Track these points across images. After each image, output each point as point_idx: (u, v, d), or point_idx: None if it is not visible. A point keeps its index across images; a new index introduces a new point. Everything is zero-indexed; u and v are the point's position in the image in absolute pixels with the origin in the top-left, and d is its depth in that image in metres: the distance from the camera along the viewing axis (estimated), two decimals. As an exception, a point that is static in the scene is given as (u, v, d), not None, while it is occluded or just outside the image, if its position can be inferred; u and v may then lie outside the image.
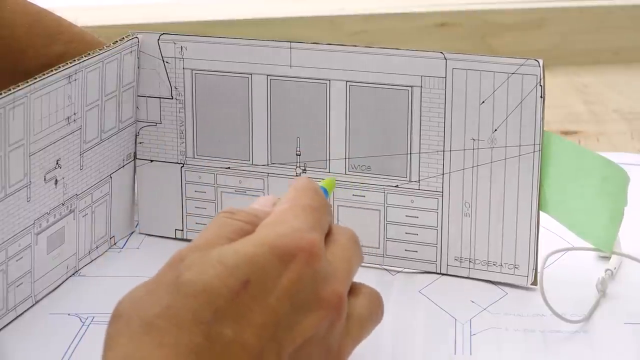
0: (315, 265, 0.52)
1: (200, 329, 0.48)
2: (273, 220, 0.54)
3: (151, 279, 0.51)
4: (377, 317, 0.57)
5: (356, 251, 0.57)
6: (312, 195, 0.56)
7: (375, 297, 0.57)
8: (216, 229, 0.54)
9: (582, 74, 1.17)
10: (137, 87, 0.77)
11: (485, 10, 1.19)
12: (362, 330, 0.56)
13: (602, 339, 0.65)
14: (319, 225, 0.54)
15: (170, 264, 0.52)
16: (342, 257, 0.55)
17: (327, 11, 1.19)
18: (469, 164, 0.71)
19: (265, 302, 0.50)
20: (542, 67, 0.68)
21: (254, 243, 0.52)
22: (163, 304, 0.49)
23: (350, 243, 0.57)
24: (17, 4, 0.79)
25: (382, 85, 0.71)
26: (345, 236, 0.57)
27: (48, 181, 0.69)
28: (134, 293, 0.51)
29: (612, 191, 0.69)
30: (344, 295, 0.53)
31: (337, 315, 0.52)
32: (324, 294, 0.52)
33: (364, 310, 0.56)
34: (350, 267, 0.55)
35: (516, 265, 0.71)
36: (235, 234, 0.53)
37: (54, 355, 0.64)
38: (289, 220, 0.54)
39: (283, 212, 0.55)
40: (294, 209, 0.55)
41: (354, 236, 0.58)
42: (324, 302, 0.52)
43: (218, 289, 0.49)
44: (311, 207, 0.55)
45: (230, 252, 0.51)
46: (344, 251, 0.56)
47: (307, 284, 0.51)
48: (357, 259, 0.57)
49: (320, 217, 0.55)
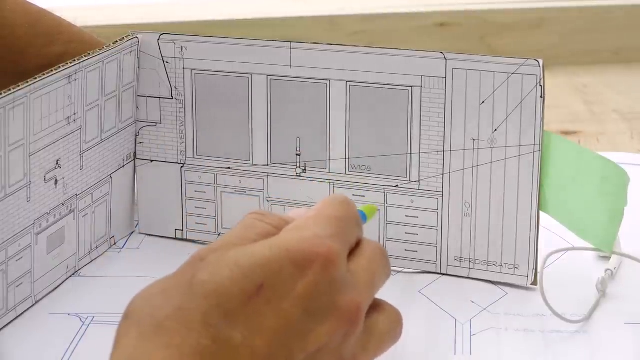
0: (332, 273, 0.51)
1: (209, 331, 0.48)
2: (295, 227, 0.53)
3: (166, 278, 0.51)
4: (395, 336, 0.56)
5: (382, 265, 0.56)
6: (338, 207, 0.55)
7: (396, 316, 0.56)
8: (242, 229, 0.53)
9: (581, 74, 1.17)
10: (137, 87, 0.77)
11: (484, 10, 1.19)
12: (380, 347, 0.55)
13: (602, 339, 0.65)
14: (342, 235, 0.53)
15: (190, 263, 0.51)
16: (366, 269, 0.54)
17: (327, 11, 1.19)
18: (469, 164, 0.71)
19: (279, 307, 0.49)
20: (542, 67, 0.68)
21: (271, 247, 0.51)
22: (175, 305, 0.49)
23: (377, 256, 0.55)
24: (17, 4, 0.79)
25: (382, 85, 0.71)
26: (371, 249, 0.56)
27: (48, 181, 0.69)
28: (149, 290, 0.50)
29: (612, 191, 0.69)
30: (362, 306, 0.52)
31: (353, 325, 0.51)
32: (341, 303, 0.51)
33: (385, 326, 0.55)
34: (373, 280, 0.54)
35: (516, 265, 0.71)
36: (260, 236, 0.53)
37: (54, 355, 0.64)
38: (310, 227, 0.53)
39: (306, 220, 0.54)
40: (317, 217, 0.54)
41: (382, 250, 0.56)
42: (340, 311, 0.51)
43: (230, 291, 0.49)
44: (336, 217, 0.54)
45: (246, 254, 0.50)
46: (368, 263, 0.54)
47: (322, 291, 0.51)
48: (382, 273, 0.56)
49: (344, 227, 0.54)
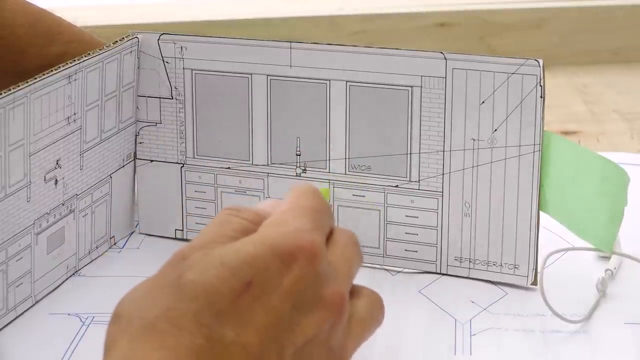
0: (316, 266, 0.52)
1: (201, 330, 0.48)
2: (274, 221, 0.54)
3: (151, 278, 0.51)
4: (378, 318, 0.57)
5: (356, 252, 0.57)
6: (312, 198, 0.56)
7: (375, 299, 0.57)
8: (219, 226, 0.54)
9: (581, 74, 1.17)
10: (137, 87, 0.77)
11: (484, 10, 1.19)
12: (363, 331, 0.55)
13: (602, 339, 0.65)
14: (319, 226, 0.54)
15: (171, 263, 0.51)
16: (343, 258, 0.55)
17: (327, 11, 1.19)
18: (469, 164, 0.71)
19: (267, 302, 0.50)
20: (542, 67, 0.68)
21: (255, 243, 0.51)
22: (164, 305, 0.49)
23: (350, 244, 0.57)
24: (17, 4, 0.79)
25: (382, 85, 0.71)
26: (345, 237, 0.57)
27: (48, 181, 0.69)
28: (135, 293, 0.50)
29: (612, 191, 0.69)
30: (345, 295, 0.53)
31: (339, 315, 0.52)
32: (326, 294, 0.52)
33: (365, 311, 0.56)
34: (350, 268, 0.55)
35: (516, 265, 0.71)
36: (238, 232, 0.53)
37: (54, 355, 0.64)
38: (290, 221, 0.54)
39: (284, 213, 0.55)
40: (294, 210, 0.55)
41: (354, 237, 0.57)
42: (326, 303, 0.52)
43: (219, 290, 0.49)
44: (312, 208, 0.55)
45: (231, 252, 0.51)
46: (344, 252, 0.56)
47: (308, 284, 0.51)
48: (357, 260, 0.57)
49: (320, 218, 0.55)
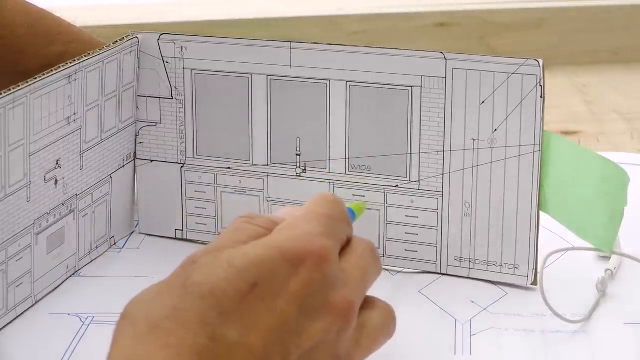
0: (325, 270, 0.52)
1: (205, 330, 0.48)
2: (286, 226, 0.54)
3: (162, 281, 0.51)
4: (389, 331, 0.57)
5: (373, 262, 0.56)
6: (328, 205, 0.56)
7: (388, 312, 0.57)
8: (232, 233, 0.54)
9: (581, 74, 1.17)
10: (137, 87, 0.77)
11: (484, 10, 1.19)
12: (374, 342, 0.55)
13: (602, 339, 0.65)
14: (332, 233, 0.54)
15: (182, 267, 0.52)
16: (357, 266, 0.55)
17: (327, 11, 1.19)
18: (469, 164, 0.71)
19: (273, 305, 0.50)
20: (542, 67, 0.68)
21: (264, 246, 0.51)
22: (170, 306, 0.49)
23: (367, 254, 0.56)
24: (17, 4, 0.79)
25: (382, 85, 0.71)
26: (362, 247, 0.56)
27: (48, 181, 0.69)
28: (144, 295, 0.51)
29: (612, 191, 0.69)
30: (354, 302, 0.53)
31: (346, 322, 0.52)
32: (333, 300, 0.52)
33: (377, 322, 0.55)
34: (364, 276, 0.55)
35: (516, 265, 0.71)
36: (250, 239, 0.53)
37: (54, 355, 0.64)
38: (301, 226, 0.54)
39: (296, 219, 0.55)
40: (307, 215, 0.55)
41: (372, 248, 0.57)
42: (333, 308, 0.52)
43: (225, 291, 0.49)
44: (326, 215, 0.55)
45: (239, 254, 0.51)
46: (359, 261, 0.55)
47: (316, 288, 0.51)
48: (373, 270, 0.56)
49: (334, 225, 0.55)
